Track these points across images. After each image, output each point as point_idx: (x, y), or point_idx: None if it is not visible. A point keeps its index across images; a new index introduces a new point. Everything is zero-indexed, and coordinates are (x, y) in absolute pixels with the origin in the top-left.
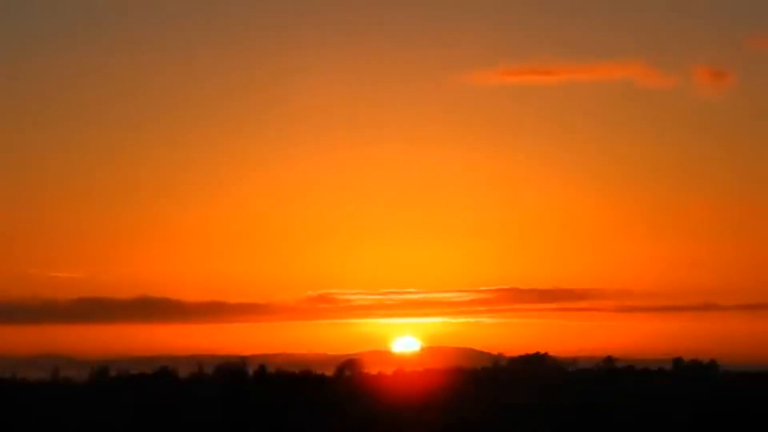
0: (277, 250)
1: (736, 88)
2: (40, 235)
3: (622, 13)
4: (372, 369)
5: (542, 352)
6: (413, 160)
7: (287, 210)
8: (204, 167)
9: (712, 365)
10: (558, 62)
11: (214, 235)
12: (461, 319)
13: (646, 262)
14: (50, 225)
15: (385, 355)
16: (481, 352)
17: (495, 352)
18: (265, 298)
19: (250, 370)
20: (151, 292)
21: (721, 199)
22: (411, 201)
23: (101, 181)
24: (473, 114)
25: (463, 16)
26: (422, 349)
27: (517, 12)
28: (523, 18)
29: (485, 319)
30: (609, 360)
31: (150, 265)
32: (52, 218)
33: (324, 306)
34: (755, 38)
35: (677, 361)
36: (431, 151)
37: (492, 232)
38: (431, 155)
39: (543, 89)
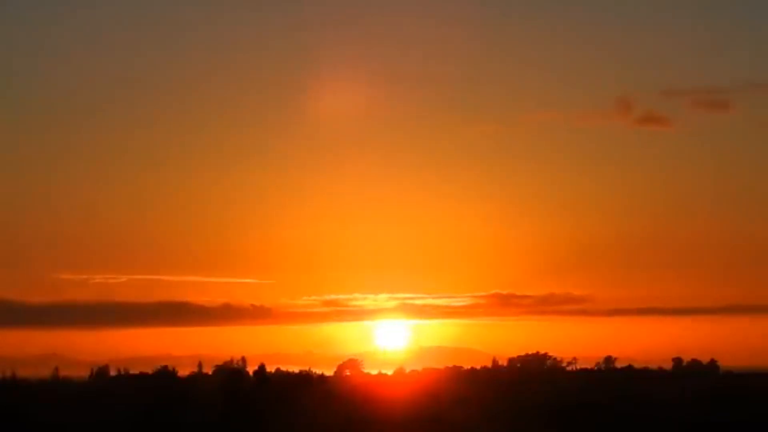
0: (281, 256)
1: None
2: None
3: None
4: (372, 369)
5: (542, 352)
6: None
7: (292, 218)
8: (218, 174)
9: (712, 365)
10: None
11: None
12: (461, 320)
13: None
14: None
15: (385, 356)
16: (481, 353)
17: (494, 352)
18: (271, 301)
19: (250, 370)
20: (166, 296)
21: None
22: (415, 211)
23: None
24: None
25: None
26: (422, 350)
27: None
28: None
29: (485, 320)
30: (609, 360)
31: (156, 268)
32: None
33: (328, 309)
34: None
35: (677, 361)
36: (435, 175)
37: (489, 243)
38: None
39: (535, 127)
